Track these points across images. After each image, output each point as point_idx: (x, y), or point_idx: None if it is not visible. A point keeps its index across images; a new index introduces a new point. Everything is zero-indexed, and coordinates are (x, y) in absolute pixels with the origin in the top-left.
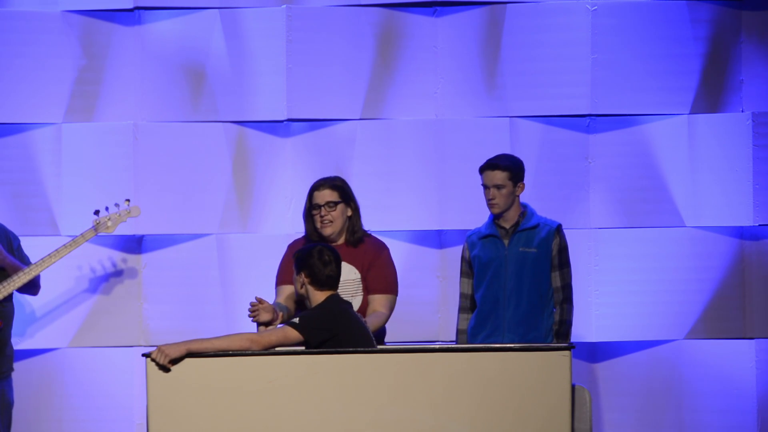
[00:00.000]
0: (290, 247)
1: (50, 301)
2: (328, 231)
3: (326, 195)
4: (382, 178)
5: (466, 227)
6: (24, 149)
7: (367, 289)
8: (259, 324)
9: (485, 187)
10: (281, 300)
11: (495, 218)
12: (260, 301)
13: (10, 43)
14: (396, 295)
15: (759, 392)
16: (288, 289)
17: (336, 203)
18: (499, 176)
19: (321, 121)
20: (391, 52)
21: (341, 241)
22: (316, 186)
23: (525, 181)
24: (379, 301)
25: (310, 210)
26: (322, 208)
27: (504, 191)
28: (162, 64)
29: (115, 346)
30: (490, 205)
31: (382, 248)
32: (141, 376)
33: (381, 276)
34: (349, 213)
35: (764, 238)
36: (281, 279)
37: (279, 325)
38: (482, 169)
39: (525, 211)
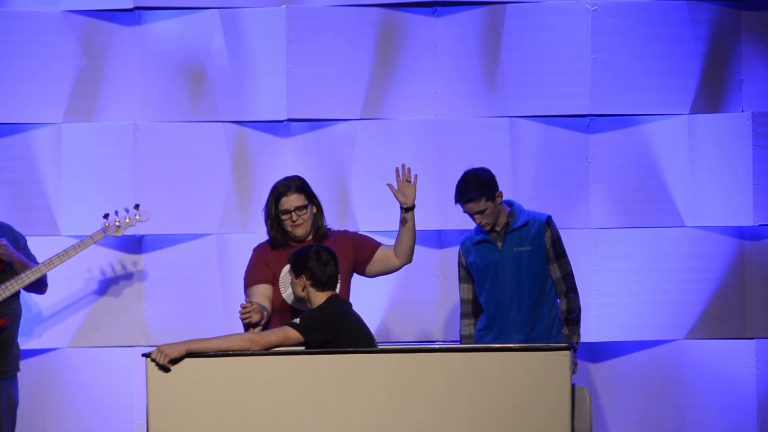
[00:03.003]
0: (256, 250)
1: (50, 300)
2: (301, 233)
3: (294, 200)
4: (382, 178)
5: (466, 227)
6: (24, 149)
7: (366, 260)
8: (249, 325)
9: (468, 213)
10: (257, 301)
11: None
12: (250, 302)
13: (10, 43)
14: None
15: (759, 392)
16: (261, 290)
17: (305, 206)
18: (476, 205)
19: (321, 121)
20: (391, 52)
21: (309, 238)
22: (282, 192)
23: (525, 181)
24: (383, 248)
25: (278, 216)
26: (293, 213)
27: (487, 212)
28: (162, 64)
29: (116, 346)
30: (481, 226)
31: (347, 232)
32: (141, 376)
33: (365, 240)
34: (314, 211)
35: (764, 238)
36: (253, 280)
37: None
38: (460, 202)
39: (512, 209)
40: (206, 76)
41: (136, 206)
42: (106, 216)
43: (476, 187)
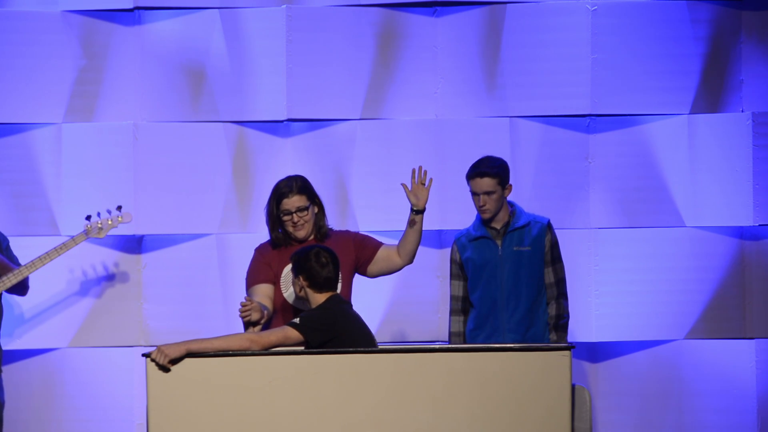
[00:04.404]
0: (257, 250)
1: (50, 300)
2: (302, 234)
3: (296, 201)
4: (382, 178)
5: (466, 227)
6: (24, 149)
7: (368, 260)
8: (249, 323)
9: (474, 193)
10: (259, 300)
11: (485, 220)
12: (249, 300)
13: (10, 43)
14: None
15: (759, 392)
16: (263, 289)
17: (307, 207)
18: (488, 183)
19: (321, 121)
20: (391, 52)
21: (311, 238)
22: (284, 193)
23: (525, 181)
24: (384, 247)
25: (279, 216)
26: (294, 214)
27: (494, 196)
28: (162, 64)
29: (115, 346)
30: (481, 211)
31: (348, 232)
32: (141, 376)
33: (366, 240)
34: (316, 211)
35: (764, 238)
36: (254, 280)
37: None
38: (470, 177)
39: (513, 210)
40: (206, 76)
41: (119, 207)
42: (88, 218)
43: (494, 167)
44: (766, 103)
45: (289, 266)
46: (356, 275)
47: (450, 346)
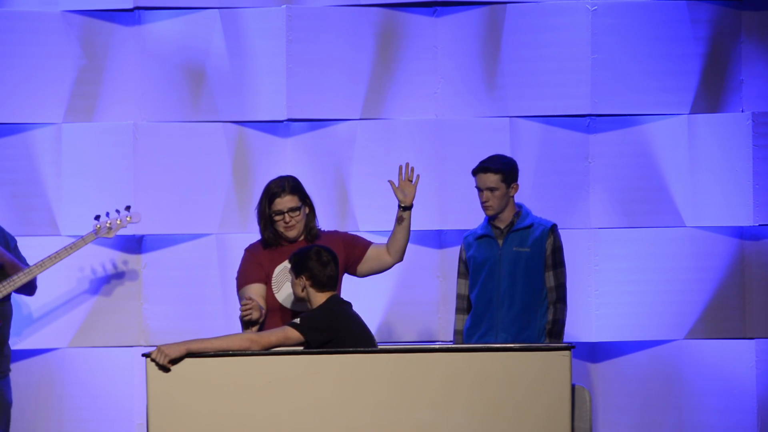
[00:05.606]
0: (248, 250)
1: (50, 301)
2: (294, 234)
3: (288, 201)
4: (382, 178)
5: (466, 227)
6: (24, 149)
7: (357, 259)
8: (249, 323)
9: (479, 189)
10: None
11: (490, 219)
12: (250, 299)
13: (10, 43)
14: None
15: (759, 392)
16: (255, 289)
17: (299, 208)
18: (491, 179)
19: (321, 121)
20: (391, 52)
21: (301, 239)
22: (276, 193)
23: (525, 181)
24: (374, 246)
25: (271, 216)
26: (286, 214)
27: (497, 193)
28: (162, 64)
29: (115, 346)
30: (484, 207)
31: (337, 232)
32: (141, 376)
33: (356, 239)
34: (307, 211)
35: (764, 238)
36: (246, 280)
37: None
38: (475, 172)
39: (520, 211)
40: (206, 76)
41: (127, 207)
42: (97, 218)
43: (499, 163)
44: (766, 103)
45: (281, 266)
46: (346, 275)
47: (449, 346)
